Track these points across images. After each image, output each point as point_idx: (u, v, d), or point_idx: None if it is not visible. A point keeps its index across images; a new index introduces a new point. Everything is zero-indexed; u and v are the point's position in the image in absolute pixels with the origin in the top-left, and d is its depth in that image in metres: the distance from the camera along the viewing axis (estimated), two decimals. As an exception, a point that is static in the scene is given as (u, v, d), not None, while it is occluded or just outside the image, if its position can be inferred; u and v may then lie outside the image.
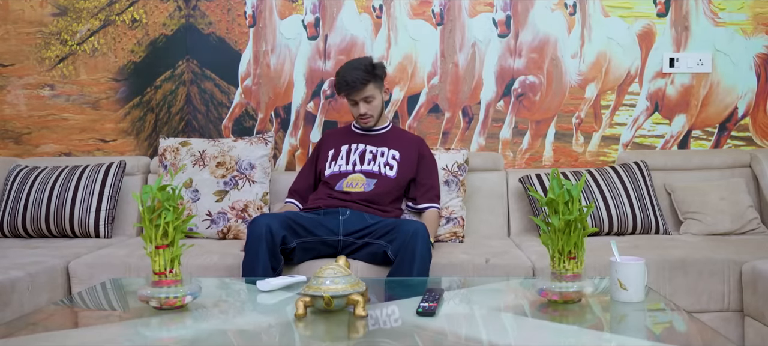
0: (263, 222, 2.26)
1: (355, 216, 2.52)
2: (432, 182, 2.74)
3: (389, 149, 2.72)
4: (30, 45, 3.30)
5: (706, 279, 2.40)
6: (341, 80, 2.63)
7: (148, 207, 1.63)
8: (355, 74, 2.61)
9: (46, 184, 2.89)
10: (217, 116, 3.29)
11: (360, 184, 2.65)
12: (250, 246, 2.25)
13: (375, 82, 2.66)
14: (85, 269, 2.44)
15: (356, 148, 2.73)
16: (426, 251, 2.27)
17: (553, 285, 1.66)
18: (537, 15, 3.23)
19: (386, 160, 2.70)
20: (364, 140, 2.76)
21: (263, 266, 2.21)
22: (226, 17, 3.27)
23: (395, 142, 2.74)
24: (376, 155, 2.71)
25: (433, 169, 2.77)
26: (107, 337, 1.55)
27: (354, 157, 2.71)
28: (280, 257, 2.28)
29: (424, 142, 2.82)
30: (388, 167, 2.69)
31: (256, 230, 2.25)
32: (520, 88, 3.25)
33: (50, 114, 3.32)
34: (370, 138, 2.76)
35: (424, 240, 2.27)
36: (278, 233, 2.26)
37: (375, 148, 2.72)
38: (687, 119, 3.26)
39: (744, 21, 3.23)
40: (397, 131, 2.82)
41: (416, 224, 2.32)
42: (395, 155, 2.71)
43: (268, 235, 2.23)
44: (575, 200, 1.66)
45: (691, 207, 2.90)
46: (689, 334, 1.54)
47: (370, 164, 2.69)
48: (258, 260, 2.22)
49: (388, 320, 1.60)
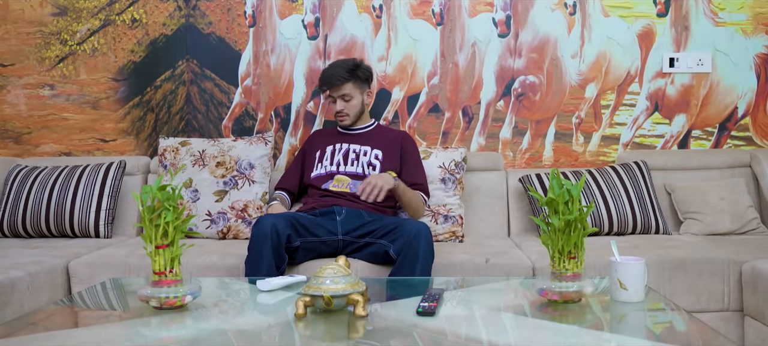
0: (269, 221, 2.26)
1: (351, 214, 2.52)
2: (417, 179, 2.72)
3: (372, 149, 2.74)
4: (30, 45, 3.30)
5: (706, 279, 2.40)
6: (322, 76, 2.77)
7: (148, 207, 1.63)
8: (335, 71, 2.72)
9: (46, 184, 2.89)
10: (217, 116, 3.29)
11: (345, 184, 2.67)
12: (255, 245, 2.24)
13: (355, 81, 2.74)
14: (85, 268, 2.44)
15: (340, 149, 2.77)
16: (428, 251, 2.27)
17: (553, 285, 1.66)
18: (537, 15, 3.23)
19: (369, 159, 2.72)
20: (348, 140, 2.79)
21: (267, 265, 2.20)
22: (226, 17, 3.27)
23: (378, 141, 2.76)
24: (359, 155, 2.73)
25: (417, 163, 2.77)
26: (107, 337, 1.55)
27: (338, 158, 2.74)
28: (284, 255, 2.27)
29: (407, 136, 2.82)
30: (371, 168, 2.71)
31: (262, 228, 2.24)
32: (520, 88, 3.25)
33: (50, 114, 3.32)
34: (354, 137, 2.79)
35: (427, 240, 2.27)
36: (284, 231, 2.26)
37: (358, 147, 2.75)
38: (687, 119, 3.26)
39: (744, 21, 3.23)
40: (381, 129, 2.86)
41: (419, 224, 2.33)
42: (377, 154, 2.73)
43: (273, 234, 2.22)
44: (575, 199, 1.66)
45: (691, 207, 2.90)
46: (689, 334, 1.54)
47: (353, 165, 2.72)
48: (262, 259, 2.21)
49: (388, 320, 1.59)
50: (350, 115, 2.76)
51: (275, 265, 2.22)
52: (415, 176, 2.73)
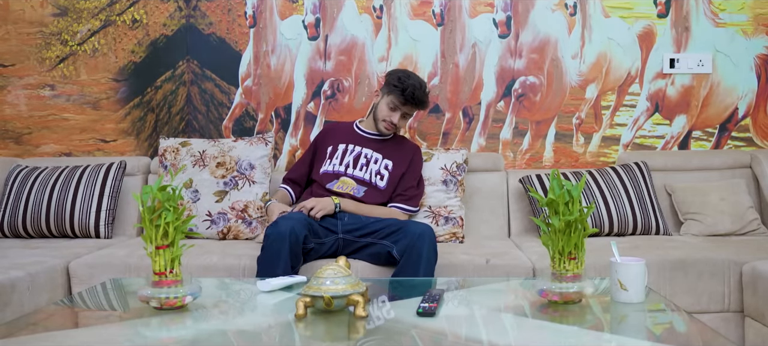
0: (286, 223, 2.24)
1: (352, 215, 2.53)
2: (406, 189, 2.70)
3: (384, 158, 2.71)
4: (30, 45, 3.30)
5: (706, 280, 2.40)
6: (414, 96, 2.63)
7: (149, 207, 1.63)
8: (423, 96, 2.66)
9: (46, 184, 2.89)
10: (218, 116, 3.29)
11: (349, 188, 2.65)
12: (272, 244, 2.22)
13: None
14: (86, 269, 2.44)
15: (352, 150, 2.72)
16: (432, 253, 2.27)
17: (554, 286, 1.66)
18: (537, 15, 3.23)
19: (378, 168, 2.69)
20: (364, 143, 2.75)
21: (284, 265, 2.19)
22: (227, 17, 3.27)
23: (392, 151, 2.73)
24: (370, 161, 2.70)
25: (415, 177, 2.75)
26: (107, 337, 1.55)
27: (348, 159, 2.70)
28: (300, 256, 2.27)
29: (419, 151, 2.82)
30: (379, 177, 2.68)
31: (280, 229, 2.22)
32: (520, 89, 3.25)
33: (51, 114, 3.32)
34: (371, 142, 2.76)
35: (431, 241, 2.27)
36: (301, 232, 2.25)
37: (371, 152, 2.71)
38: (687, 120, 3.26)
39: (744, 22, 3.23)
40: (398, 139, 2.82)
41: (422, 226, 2.33)
42: (388, 165, 2.70)
43: (292, 235, 2.21)
44: (575, 200, 1.66)
45: (692, 208, 2.90)
46: (689, 335, 1.54)
47: (362, 170, 2.69)
48: (280, 259, 2.19)
49: (388, 320, 1.59)
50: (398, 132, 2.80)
51: (291, 265, 2.22)
52: (407, 186, 2.71)
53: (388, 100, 2.67)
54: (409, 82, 2.63)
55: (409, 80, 2.64)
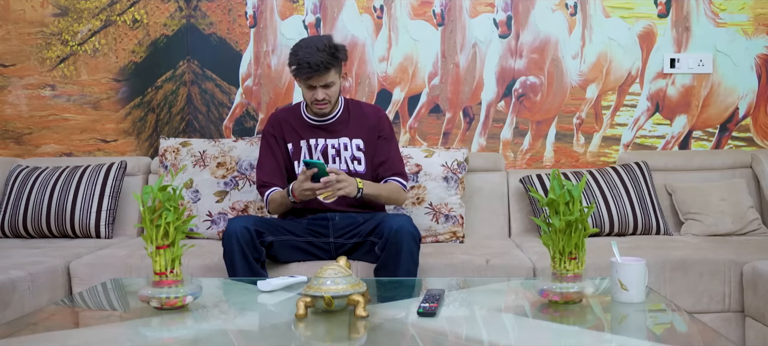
0: (235, 223, 2.25)
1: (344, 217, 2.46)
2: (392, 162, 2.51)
3: (351, 139, 2.50)
4: (31, 45, 3.30)
5: (706, 280, 2.40)
6: (302, 63, 2.32)
7: (149, 207, 1.63)
8: (318, 57, 2.31)
9: (46, 184, 2.89)
10: (218, 117, 3.29)
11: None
12: (226, 245, 2.23)
13: (337, 66, 2.39)
14: (86, 269, 2.44)
15: (316, 145, 2.51)
16: (414, 247, 2.21)
17: (554, 286, 1.66)
18: (538, 15, 3.23)
19: (351, 153, 2.50)
20: (322, 133, 2.51)
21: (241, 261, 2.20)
22: (227, 18, 3.27)
23: (355, 127, 2.51)
24: (340, 149, 2.50)
25: (392, 145, 2.55)
26: (108, 337, 1.55)
27: (317, 156, 2.49)
28: (260, 248, 2.25)
29: (383, 115, 2.58)
30: (356, 162, 2.50)
31: (228, 230, 2.24)
32: (520, 89, 3.25)
33: (51, 114, 3.32)
34: (327, 127, 2.51)
35: (409, 236, 2.20)
36: (251, 227, 2.24)
37: (336, 140, 2.50)
38: (688, 120, 3.26)
39: (745, 22, 3.23)
40: (354, 111, 2.55)
41: (400, 220, 2.23)
42: (359, 145, 2.50)
43: (243, 231, 2.21)
44: (576, 200, 1.66)
45: (692, 208, 2.90)
46: (690, 335, 1.54)
47: (336, 162, 2.49)
48: (234, 256, 2.20)
49: (388, 320, 1.59)
50: (331, 103, 2.44)
51: (253, 257, 2.22)
52: (390, 159, 2.51)
53: (299, 83, 2.45)
54: (298, 56, 2.34)
55: (300, 52, 2.34)
